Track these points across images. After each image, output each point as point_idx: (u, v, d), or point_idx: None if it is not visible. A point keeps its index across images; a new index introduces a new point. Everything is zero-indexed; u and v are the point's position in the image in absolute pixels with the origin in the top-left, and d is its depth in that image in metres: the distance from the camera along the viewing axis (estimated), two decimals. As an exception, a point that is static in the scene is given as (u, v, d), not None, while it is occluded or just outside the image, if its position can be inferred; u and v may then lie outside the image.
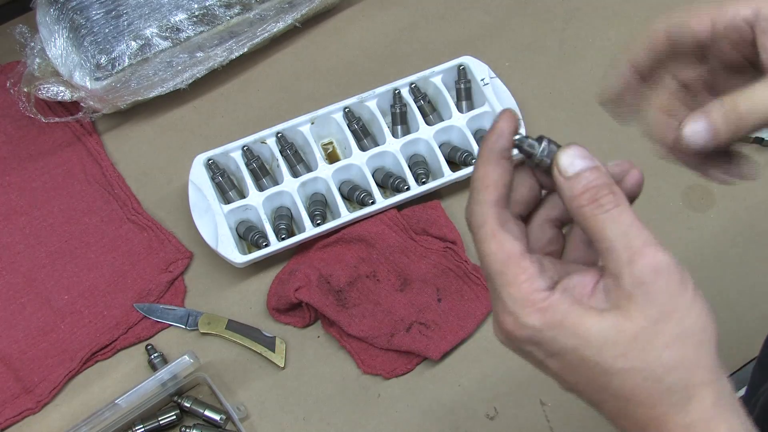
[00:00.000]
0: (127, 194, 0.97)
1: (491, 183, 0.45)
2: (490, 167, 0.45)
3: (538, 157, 0.46)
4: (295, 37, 1.10)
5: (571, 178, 0.44)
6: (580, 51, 1.09)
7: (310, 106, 0.98)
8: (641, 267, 0.41)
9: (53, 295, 0.90)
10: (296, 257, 0.92)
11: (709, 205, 0.96)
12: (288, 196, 0.93)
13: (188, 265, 0.93)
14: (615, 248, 0.42)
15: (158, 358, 0.86)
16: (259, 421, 0.84)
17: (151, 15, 0.96)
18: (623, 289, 0.41)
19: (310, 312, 0.89)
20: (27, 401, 0.85)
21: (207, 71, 1.01)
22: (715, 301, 0.90)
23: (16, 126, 1.02)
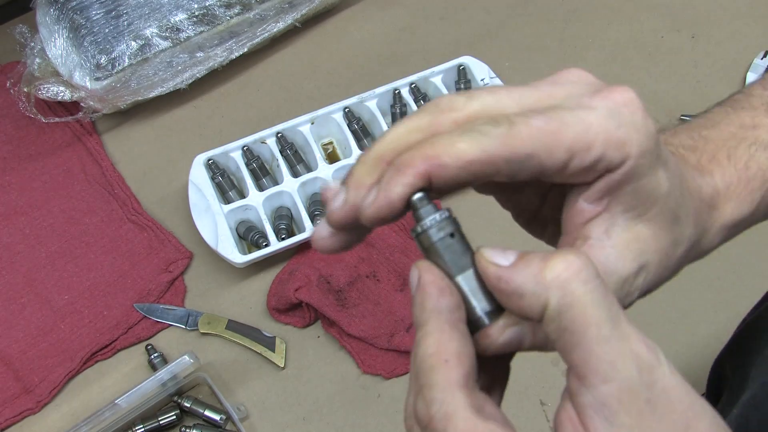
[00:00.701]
0: (127, 194, 0.97)
1: (452, 357, 0.33)
2: (445, 335, 0.33)
3: (428, 225, 0.35)
4: (295, 37, 1.10)
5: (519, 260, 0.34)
6: (580, 51, 1.09)
7: (310, 106, 0.98)
8: None
9: (53, 295, 0.90)
10: (296, 257, 0.92)
11: (709, 205, 0.96)
12: (288, 196, 0.93)
13: (188, 265, 0.93)
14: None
15: (158, 358, 0.86)
16: (259, 421, 0.84)
17: (151, 15, 0.96)
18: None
19: (310, 312, 0.89)
20: (27, 401, 0.85)
21: (207, 71, 1.01)
22: (715, 301, 0.90)
23: (16, 126, 1.02)
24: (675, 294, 0.91)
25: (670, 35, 1.10)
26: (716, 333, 0.89)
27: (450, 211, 0.36)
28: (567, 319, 0.32)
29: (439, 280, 0.35)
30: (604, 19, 1.12)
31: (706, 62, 1.07)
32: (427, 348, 0.33)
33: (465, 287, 0.35)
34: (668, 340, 0.88)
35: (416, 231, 0.36)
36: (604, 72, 1.07)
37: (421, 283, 0.35)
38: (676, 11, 1.12)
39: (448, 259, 0.35)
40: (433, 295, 0.34)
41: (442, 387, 0.32)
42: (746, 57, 1.07)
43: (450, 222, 0.36)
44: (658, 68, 1.07)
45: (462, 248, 0.36)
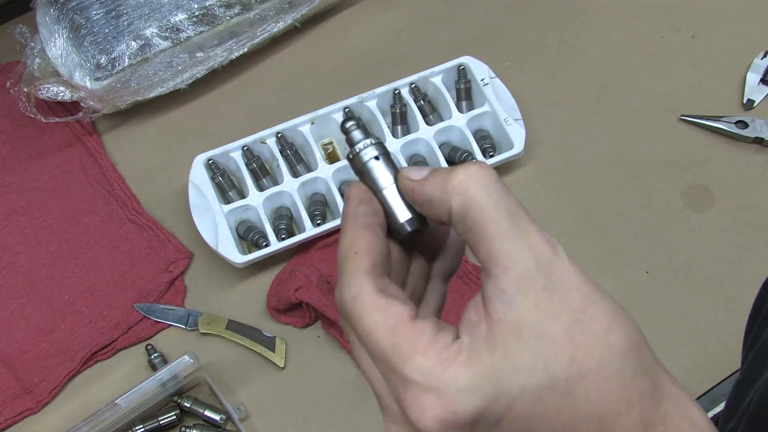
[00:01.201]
0: (127, 194, 0.97)
1: (361, 249, 0.38)
2: (357, 233, 0.39)
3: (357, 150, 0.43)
4: (295, 37, 1.10)
5: (432, 173, 0.39)
6: (580, 51, 1.09)
7: (310, 106, 0.98)
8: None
9: (53, 295, 0.90)
10: (296, 257, 0.92)
11: (709, 205, 0.96)
12: (288, 196, 0.93)
13: (188, 265, 0.93)
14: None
15: (158, 358, 0.86)
16: (259, 421, 0.84)
17: (151, 15, 0.96)
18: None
19: (310, 312, 0.88)
20: (27, 401, 0.85)
21: (207, 71, 1.01)
22: (714, 301, 0.90)
23: (16, 126, 1.02)
24: (676, 293, 0.91)
25: (670, 35, 1.10)
26: (716, 332, 0.89)
27: (377, 138, 0.43)
28: (469, 220, 0.37)
29: (361, 193, 0.41)
30: (604, 19, 1.12)
31: (706, 62, 1.07)
32: (343, 244, 0.39)
33: (388, 199, 0.42)
34: (668, 340, 0.88)
35: (350, 155, 0.44)
36: (604, 72, 1.07)
37: (346, 195, 0.42)
38: (676, 11, 1.12)
39: (377, 176, 0.42)
40: (352, 204, 0.41)
41: (350, 273, 0.38)
42: (746, 57, 1.07)
43: (376, 147, 0.43)
44: (658, 68, 1.07)
45: (387, 168, 0.42)
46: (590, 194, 0.97)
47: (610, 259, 0.93)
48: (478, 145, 0.96)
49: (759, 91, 1.03)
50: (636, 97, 1.05)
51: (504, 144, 0.97)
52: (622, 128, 1.02)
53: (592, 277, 0.37)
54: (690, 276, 0.92)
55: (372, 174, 0.42)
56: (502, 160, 0.95)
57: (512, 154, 0.95)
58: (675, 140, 1.01)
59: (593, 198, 0.97)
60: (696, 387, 0.85)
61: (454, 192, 0.37)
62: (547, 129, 1.02)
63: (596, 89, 1.05)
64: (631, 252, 0.93)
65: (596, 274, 0.92)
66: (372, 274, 0.38)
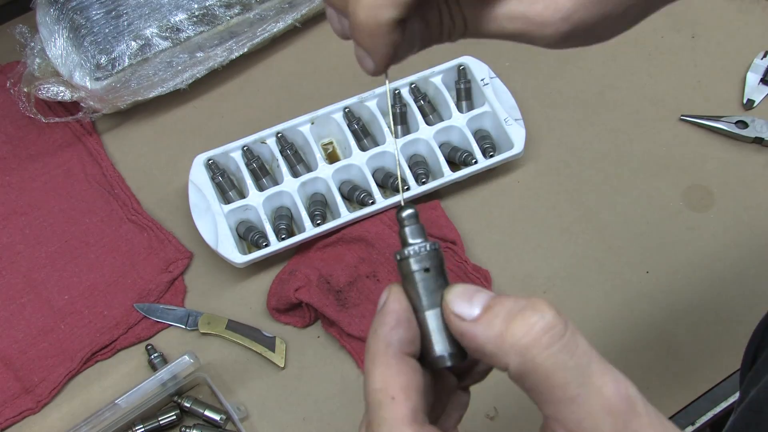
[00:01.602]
0: (127, 194, 0.97)
1: (399, 393, 0.32)
2: (392, 369, 0.33)
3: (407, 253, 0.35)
4: (295, 37, 1.10)
5: (484, 314, 0.33)
6: (580, 51, 1.09)
7: (310, 106, 0.98)
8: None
9: (53, 295, 0.90)
10: (296, 257, 0.92)
11: (709, 205, 0.96)
12: (288, 196, 0.93)
13: (188, 265, 0.93)
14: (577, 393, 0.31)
15: (158, 358, 0.86)
16: (259, 421, 0.84)
17: (151, 15, 0.96)
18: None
19: (310, 312, 0.89)
20: (27, 401, 0.85)
21: (207, 71, 1.01)
22: (715, 301, 0.90)
23: (16, 126, 1.02)
24: (676, 293, 0.91)
25: (670, 35, 1.10)
26: (716, 332, 0.89)
27: (436, 245, 0.36)
28: (530, 382, 0.32)
29: (401, 311, 0.34)
30: (604, 19, 1.12)
31: (706, 62, 1.07)
32: (374, 383, 0.33)
33: (431, 325, 0.35)
34: (668, 340, 0.88)
35: (398, 256, 0.36)
36: (604, 72, 1.07)
37: (383, 309, 0.34)
38: (676, 11, 1.12)
39: (421, 292, 0.35)
40: (388, 325, 0.34)
41: (389, 424, 0.32)
42: (746, 57, 1.07)
43: (431, 256, 0.36)
44: (658, 68, 1.07)
45: (438, 285, 0.35)
46: (590, 194, 0.97)
47: (610, 259, 0.93)
48: (478, 145, 0.96)
49: (759, 91, 1.03)
50: (636, 97, 1.05)
51: (504, 144, 0.97)
52: (622, 128, 1.02)
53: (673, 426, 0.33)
54: (690, 276, 0.92)
55: (417, 288, 0.35)
56: (502, 160, 0.95)
57: (512, 154, 0.95)
58: (675, 140, 1.01)
59: (593, 198, 0.97)
60: (696, 387, 0.85)
61: (512, 351, 0.32)
62: (547, 129, 1.02)
63: (596, 89, 1.05)
64: (631, 252, 0.93)
65: (596, 274, 0.92)
66: (415, 424, 0.32)
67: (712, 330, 0.88)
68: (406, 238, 0.36)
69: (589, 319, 0.89)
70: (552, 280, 0.92)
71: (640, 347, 0.87)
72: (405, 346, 0.34)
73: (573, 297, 0.90)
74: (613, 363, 0.35)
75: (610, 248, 0.94)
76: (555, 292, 0.91)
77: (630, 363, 0.86)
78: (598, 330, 0.88)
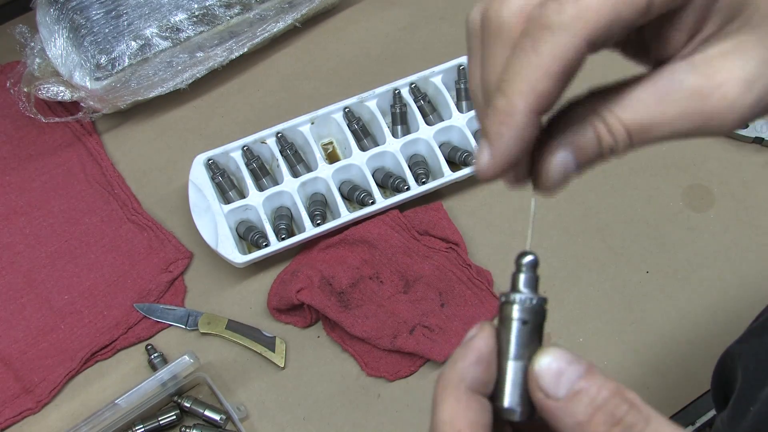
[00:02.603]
0: (127, 194, 0.97)
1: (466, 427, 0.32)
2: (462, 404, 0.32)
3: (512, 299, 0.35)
4: (295, 37, 1.10)
5: (568, 400, 0.32)
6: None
7: (310, 106, 0.98)
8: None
9: (53, 295, 0.90)
10: (298, 257, 0.92)
11: (709, 205, 0.96)
12: (288, 196, 0.93)
13: (188, 265, 0.93)
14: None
15: (158, 358, 0.86)
16: (259, 421, 0.84)
17: (151, 15, 0.96)
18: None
19: (311, 313, 0.88)
20: (27, 401, 0.85)
21: (207, 71, 1.01)
22: (715, 301, 0.90)
23: (16, 126, 1.02)
24: (676, 293, 0.91)
25: (670, 35, 1.10)
26: (716, 332, 0.89)
27: (544, 301, 0.35)
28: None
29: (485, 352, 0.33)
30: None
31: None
32: (443, 413, 0.32)
33: (510, 376, 0.34)
34: (669, 340, 0.88)
35: (503, 298, 0.36)
36: (605, 72, 1.07)
37: (469, 343, 0.34)
38: None
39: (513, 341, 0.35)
40: (468, 360, 0.33)
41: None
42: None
43: (536, 311, 0.35)
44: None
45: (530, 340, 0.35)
46: (590, 194, 0.97)
47: (610, 259, 0.93)
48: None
49: (759, 91, 1.03)
50: (636, 97, 1.04)
51: (504, 144, 0.96)
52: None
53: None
54: (690, 276, 0.92)
55: (510, 336, 0.35)
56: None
57: (512, 154, 0.95)
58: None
59: (593, 198, 0.97)
60: (696, 387, 0.85)
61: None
62: (547, 129, 1.02)
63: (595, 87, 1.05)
64: (631, 252, 0.93)
65: (596, 274, 0.92)
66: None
67: (712, 330, 0.88)
68: (518, 284, 0.35)
69: (589, 319, 0.89)
70: (552, 280, 0.92)
71: (640, 347, 0.87)
72: (479, 386, 0.33)
73: (573, 297, 0.91)
74: (613, 364, 0.35)
75: (610, 248, 0.94)
76: (555, 292, 0.91)
77: (630, 363, 0.86)
78: (598, 330, 0.89)
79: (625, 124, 0.32)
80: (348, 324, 0.86)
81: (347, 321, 0.86)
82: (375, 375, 0.86)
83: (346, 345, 0.87)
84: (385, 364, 0.87)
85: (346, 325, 0.86)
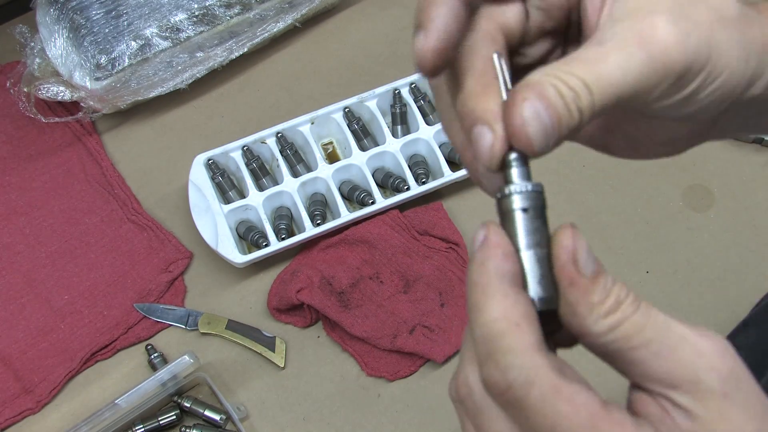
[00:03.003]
0: (127, 194, 0.97)
1: (524, 320, 0.30)
2: (512, 298, 0.31)
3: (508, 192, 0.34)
4: (295, 37, 1.10)
5: (592, 280, 0.32)
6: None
7: (310, 106, 0.98)
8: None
9: (53, 295, 0.90)
10: (298, 257, 0.92)
11: (709, 205, 0.96)
12: (288, 196, 0.93)
13: (188, 265, 0.93)
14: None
15: (158, 358, 0.86)
16: (259, 421, 0.84)
17: (151, 15, 0.96)
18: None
19: (311, 313, 0.88)
20: (27, 401, 0.85)
21: (207, 71, 1.01)
22: (715, 301, 0.90)
23: (16, 126, 1.02)
24: (676, 293, 0.91)
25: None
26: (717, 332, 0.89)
27: (540, 186, 0.35)
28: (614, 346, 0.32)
29: (506, 245, 0.32)
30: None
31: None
32: (492, 312, 0.30)
33: (529, 265, 0.33)
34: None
35: (498, 194, 0.35)
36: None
37: (486, 243, 0.32)
38: None
39: (522, 231, 0.33)
40: (497, 257, 0.32)
41: (518, 351, 0.30)
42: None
43: (533, 196, 0.34)
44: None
45: (538, 226, 0.34)
46: (590, 194, 0.97)
47: (610, 259, 0.93)
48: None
49: (759, 91, 1.03)
50: (636, 97, 1.05)
51: (504, 144, 0.96)
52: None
53: None
54: (690, 276, 0.92)
55: (515, 228, 0.34)
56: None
57: (512, 154, 0.95)
58: (675, 140, 1.01)
59: (593, 198, 0.97)
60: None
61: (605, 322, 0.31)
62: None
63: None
64: (631, 252, 0.93)
65: (596, 274, 0.92)
66: (543, 351, 0.30)
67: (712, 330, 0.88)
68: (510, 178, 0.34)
69: (589, 319, 0.89)
70: (552, 280, 0.91)
71: (640, 347, 0.87)
72: (515, 280, 0.32)
73: (573, 297, 0.90)
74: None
75: (610, 248, 0.94)
76: (555, 292, 0.91)
77: (630, 363, 0.86)
78: (598, 330, 0.88)
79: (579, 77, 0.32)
80: (348, 324, 0.86)
81: (347, 321, 0.86)
82: (375, 375, 0.86)
83: (346, 345, 0.87)
84: (385, 364, 0.87)
85: (346, 325, 0.86)
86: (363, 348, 0.87)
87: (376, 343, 0.86)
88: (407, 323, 0.87)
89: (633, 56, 0.32)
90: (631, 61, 0.32)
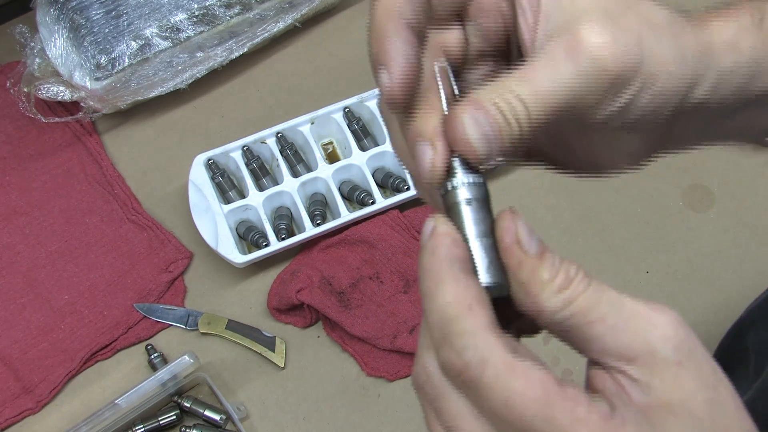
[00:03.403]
0: (127, 194, 0.97)
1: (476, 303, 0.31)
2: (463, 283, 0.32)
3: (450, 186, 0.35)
4: (295, 37, 1.10)
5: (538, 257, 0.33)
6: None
7: (310, 106, 0.98)
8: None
9: (53, 295, 0.90)
10: (298, 257, 0.92)
11: (709, 205, 0.96)
12: (288, 196, 0.93)
13: (188, 265, 0.93)
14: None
15: (158, 358, 0.86)
16: (259, 421, 0.84)
17: (151, 15, 0.96)
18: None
19: (311, 313, 0.88)
20: (27, 401, 0.85)
21: (207, 71, 1.01)
22: (714, 301, 0.90)
23: (16, 126, 1.02)
24: (676, 293, 0.91)
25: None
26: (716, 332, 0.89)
27: (483, 178, 0.36)
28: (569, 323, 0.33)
29: (454, 233, 0.34)
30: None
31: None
32: (445, 296, 0.31)
33: (478, 252, 0.34)
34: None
35: (441, 190, 0.36)
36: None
37: (435, 232, 0.34)
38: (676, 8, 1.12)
39: (468, 221, 0.35)
40: (446, 245, 0.33)
41: (472, 332, 0.31)
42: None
43: (477, 188, 0.36)
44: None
45: (483, 216, 0.35)
46: (590, 194, 0.97)
47: (610, 259, 0.93)
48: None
49: (759, 91, 1.03)
50: (636, 97, 1.05)
51: (504, 144, 0.96)
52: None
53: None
54: (690, 276, 0.92)
55: (461, 219, 0.35)
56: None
57: (512, 154, 0.95)
58: (675, 140, 1.01)
59: (593, 198, 0.97)
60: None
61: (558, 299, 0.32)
62: (547, 129, 1.02)
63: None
64: (631, 252, 0.93)
65: (596, 274, 0.91)
66: (497, 331, 0.31)
67: (712, 330, 0.88)
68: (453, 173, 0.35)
69: (589, 319, 0.89)
70: (552, 280, 0.91)
71: (640, 347, 0.87)
72: (465, 265, 0.33)
73: (573, 297, 0.90)
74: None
75: (610, 248, 0.94)
76: (555, 292, 0.91)
77: (630, 363, 0.86)
78: (598, 330, 0.88)
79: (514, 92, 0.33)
80: (348, 324, 0.86)
81: (347, 321, 0.86)
82: (375, 375, 0.86)
83: (346, 345, 0.87)
84: (385, 364, 0.87)
85: (346, 325, 0.86)
86: (363, 348, 0.87)
87: (376, 343, 0.86)
88: (407, 323, 0.87)
89: (562, 68, 0.33)
90: (561, 72, 0.33)
